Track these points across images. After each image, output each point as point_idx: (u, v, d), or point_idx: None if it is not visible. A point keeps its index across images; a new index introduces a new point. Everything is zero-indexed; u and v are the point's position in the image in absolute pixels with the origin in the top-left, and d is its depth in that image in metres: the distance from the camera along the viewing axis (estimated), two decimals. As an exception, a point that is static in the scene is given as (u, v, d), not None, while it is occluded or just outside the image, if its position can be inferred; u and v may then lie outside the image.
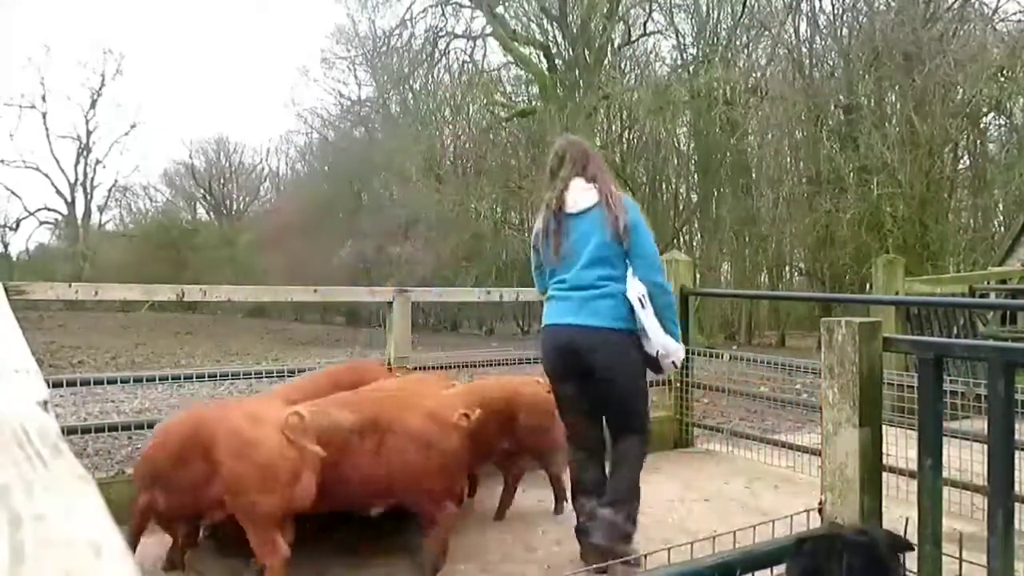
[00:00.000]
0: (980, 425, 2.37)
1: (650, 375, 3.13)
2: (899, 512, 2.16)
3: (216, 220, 35.34)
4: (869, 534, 1.71)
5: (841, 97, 16.09)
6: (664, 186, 21.94)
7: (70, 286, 3.95)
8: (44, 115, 34.37)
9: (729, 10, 19.13)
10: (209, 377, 4.33)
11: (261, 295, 5.17)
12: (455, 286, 15.95)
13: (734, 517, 3.62)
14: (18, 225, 35.00)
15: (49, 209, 35.97)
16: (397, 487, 2.88)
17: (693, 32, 20.21)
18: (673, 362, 3.03)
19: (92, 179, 36.17)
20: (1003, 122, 16.52)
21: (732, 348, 12.25)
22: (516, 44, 20.96)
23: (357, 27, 23.91)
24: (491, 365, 4.94)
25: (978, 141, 16.52)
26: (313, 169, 29.32)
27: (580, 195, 3.00)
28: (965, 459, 3.24)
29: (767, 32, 17.84)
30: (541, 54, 21.07)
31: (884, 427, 2.26)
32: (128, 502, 3.40)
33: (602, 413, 3.05)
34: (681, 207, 21.72)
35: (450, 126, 23.09)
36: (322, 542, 3.10)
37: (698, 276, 17.48)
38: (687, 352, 5.13)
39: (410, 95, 23.24)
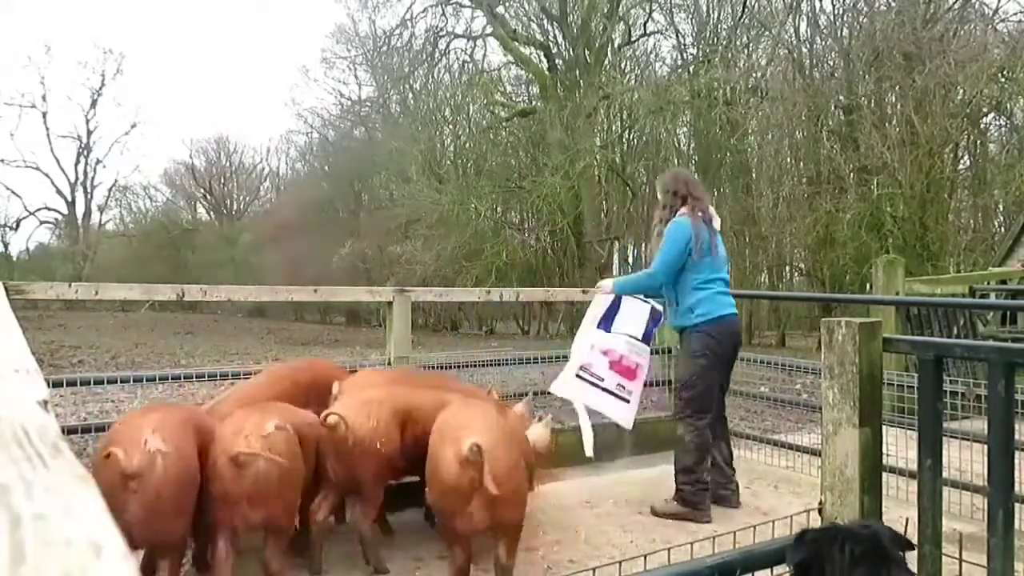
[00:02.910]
0: (980, 425, 2.36)
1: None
2: (899, 512, 2.16)
3: (216, 220, 35.34)
4: (872, 527, 1.71)
5: (841, 97, 16.08)
6: (664, 186, 21.91)
7: (70, 286, 3.95)
8: (44, 115, 34.37)
9: (729, 10, 19.12)
10: (209, 377, 4.32)
11: (261, 295, 5.16)
12: (455, 286, 15.95)
13: (734, 517, 3.62)
14: (18, 225, 35.00)
15: (49, 209, 35.99)
16: None
17: (693, 32, 20.21)
18: None
19: (92, 179, 36.19)
20: (1003, 122, 16.52)
21: (732, 348, 12.24)
22: (516, 44, 20.96)
23: (357, 27, 23.94)
24: (492, 365, 4.93)
25: (978, 141, 16.51)
26: (313, 169, 29.32)
27: (715, 216, 3.88)
28: (965, 459, 3.24)
29: (767, 32, 17.83)
30: (541, 54, 21.08)
31: (884, 427, 2.26)
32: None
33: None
34: (681, 207, 21.68)
35: (450, 126, 23.10)
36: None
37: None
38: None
39: (410, 95, 23.24)
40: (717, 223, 3.86)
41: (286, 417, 2.78)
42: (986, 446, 1.84)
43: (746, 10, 18.38)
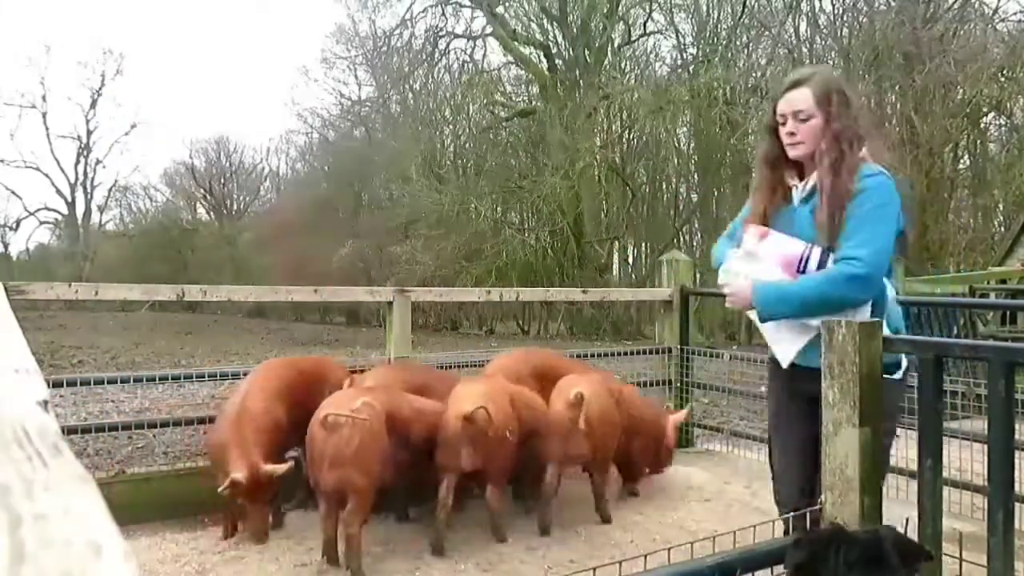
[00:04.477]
0: (980, 425, 2.37)
1: None
2: (899, 512, 2.16)
3: (216, 220, 35.32)
4: (877, 532, 1.70)
5: (841, 97, 16.06)
6: (664, 186, 21.93)
7: (70, 286, 3.95)
8: (44, 115, 34.43)
9: (729, 10, 19.11)
10: (209, 377, 4.33)
11: (261, 295, 5.16)
12: (455, 286, 15.94)
13: (734, 517, 3.62)
14: (18, 225, 35.04)
15: (49, 209, 36.01)
16: None
17: (693, 32, 20.20)
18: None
19: (92, 179, 36.21)
20: (1003, 122, 16.50)
21: (732, 348, 12.24)
22: (516, 44, 20.95)
23: (357, 27, 23.93)
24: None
25: (978, 141, 16.51)
26: (313, 169, 29.31)
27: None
28: (965, 459, 3.24)
29: (767, 32, 17.83)
30: (541, 54, 21.06)
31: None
32: (128, 502, 3.41)
33: None
34: (681, 207, 21.71)
35: (450, 126, 23.09)
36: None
37: (698, 276, 17.43)
38: (687, 352, 5.15)
39: (410, 95, 23.23)
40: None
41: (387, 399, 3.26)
42: (986, 446, 1.84)
43: (746, 10, 18.38)
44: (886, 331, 2.01)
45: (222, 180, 35.68)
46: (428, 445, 3.28)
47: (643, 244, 22.13)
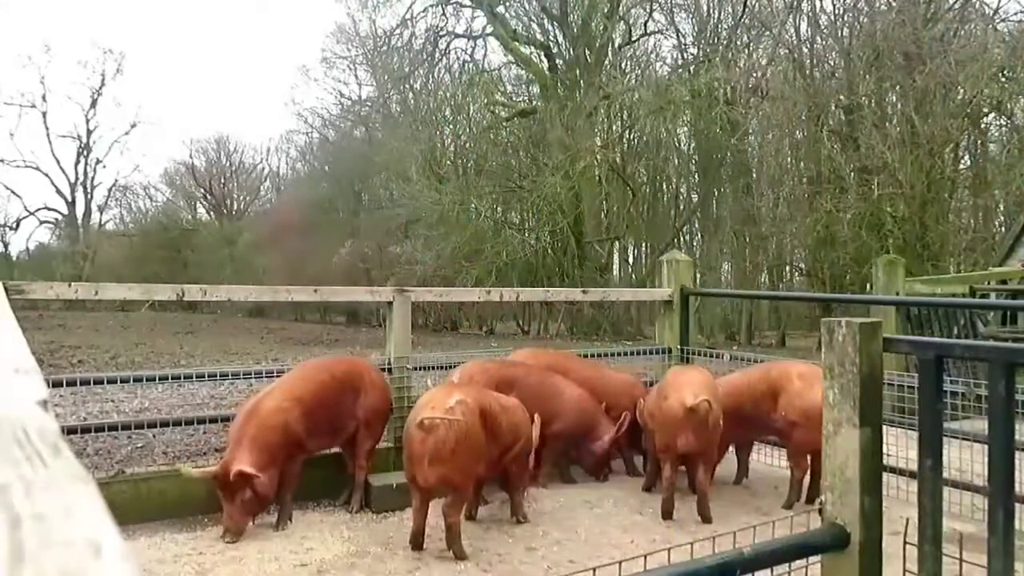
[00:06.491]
0: (980, 425, 2.36)
1: None
2: (899, 512, 2.15)
3: (216, 220, 35.30)
4: None
5: (841, 97, 16.06)
6: (664, 186, 21.94)
7: (70, 286, 3.95)
8: (44, 115, 34.31)
9: (729, 10, 19.11)
10: (209, 377, 4.33)
11: (261, 295, 5.16)
12: (455, 286, 15.93)
13: (734, 517, 3.62)
14: (18, 225, 34.98)
15: (49, 209, 35.95)
16: None
17: (694, 32, 20.20)
18: None
19: (92, 179, 36.14)
20: (1004, 122, 16.49)
21: (732, 348, 12.24)
22: (516, 44, 20.96)
23: (357, 27, 23.91)
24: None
25: (979, 141, 16.49)
26: (313, 169, 29.30)
27: None
28: (965, 459, 3.24)
29: (768, 32, 17.81)
30: (542, 54, 21.07)
31: (884, 427, 2.26)
32: (128, 502, 3.41)
33: None
34: (681, 207, 21.71)
35: (450, 126, 23.09)
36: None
37: (698, 276, 17.46)
38: (687, 352, 5.15)
39: (410, 95, 23.23)
40: None
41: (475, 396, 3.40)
42: (986, 446, 1.84)
43: (746, 10, 18.37)
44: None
45: (222, 180, 35.66)
46: (510, 439, 3.48)
47: (643, 244, 22.14)
